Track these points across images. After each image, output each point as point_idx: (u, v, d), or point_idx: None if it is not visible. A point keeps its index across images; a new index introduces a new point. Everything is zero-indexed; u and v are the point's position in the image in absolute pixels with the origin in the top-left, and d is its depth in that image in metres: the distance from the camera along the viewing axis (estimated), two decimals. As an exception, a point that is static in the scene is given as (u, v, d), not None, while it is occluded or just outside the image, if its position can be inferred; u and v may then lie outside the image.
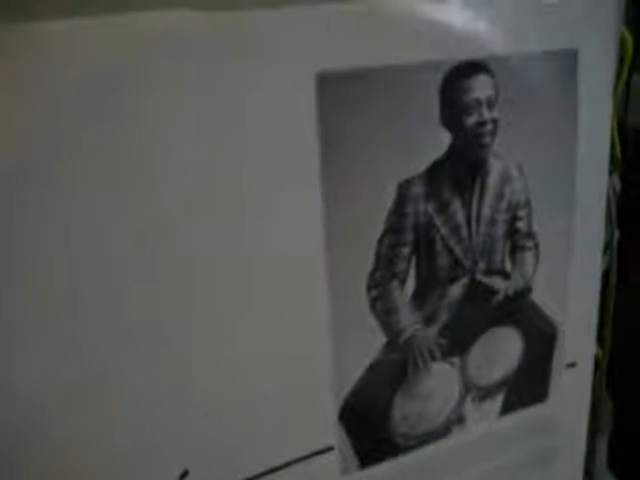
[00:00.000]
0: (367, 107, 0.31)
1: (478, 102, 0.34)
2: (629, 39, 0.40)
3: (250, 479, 0.35)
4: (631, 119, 0.51)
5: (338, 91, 0.30)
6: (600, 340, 0.45)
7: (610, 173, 0.42)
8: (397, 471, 0.39)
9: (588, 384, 0.45)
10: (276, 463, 0.35)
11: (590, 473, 0.50)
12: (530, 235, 0.38)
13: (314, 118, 0.30)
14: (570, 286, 0.41)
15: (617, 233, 0.45)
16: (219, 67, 0.28)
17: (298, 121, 0.30)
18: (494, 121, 0.34)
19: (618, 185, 0.46)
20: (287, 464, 0.35)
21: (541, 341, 0.41)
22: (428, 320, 0.36)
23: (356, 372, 0.36)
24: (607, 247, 0.46)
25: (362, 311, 0.34)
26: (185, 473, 0.33)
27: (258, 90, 0.29)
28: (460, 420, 0.40)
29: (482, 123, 0.34)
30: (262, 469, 0.35)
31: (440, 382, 0.38)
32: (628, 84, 0.47)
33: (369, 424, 0.37)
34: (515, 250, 0.38)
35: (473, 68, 0.33)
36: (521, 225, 0.38)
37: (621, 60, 0.42)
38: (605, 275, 0.45)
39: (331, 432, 0.36)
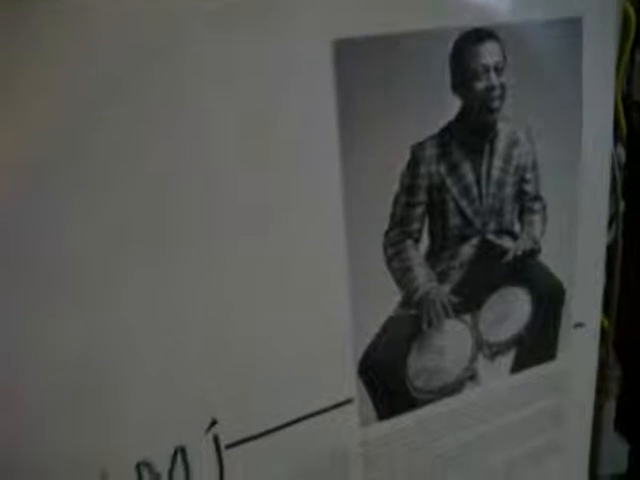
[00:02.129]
0: (382, 73, 0.33)
1: (487, 68, 0.35)
2: (632, 15, 0.41)
3: (274, 429, 0.36)
4: (635, 94, 0.52)
5: (354, 58, 0.32)
6: (606, 307, 0.47)
7: (615, 144, 0.44)
8: (413, 424, 0.41)
9: (595, 345, 0.46)
10: (298, 414, 0.37)
11: (598, 436, 0.51)
12: (537, 198, 0.40)
13: (332, 83, 0.32)
14: (576, 248, 0.42)
15: (622, 203, 0.47)
16: (244, 38, 0.30)
17: (317, 86, 0.32)
18: (502, 86, 0.36)
19: (623, 156, 0.48)
20: (309, 415, 0.37)
21: (549, 301, 0.43)
22: (441, 278, 0.38)
23: (374, 327, 0.37)
24: (613, 218, 0.47)
25: (379, 269, 0.36)
26: (214, 422, 0.34)
27: (280, 57, 0.31)
28: (473, 377, 0.42)
29: (491, 88, 0.36)
30: (285, 420, 0.37)
31: (453, 339, 0.40)
32: (632, 59, 0.48)
33: (386, 378, 0.39)
34: (523, 212, 0.40)
35: (482, 35, 0.35)
36: (529, 188, 0.39)
37: (624, 36, 0.43)
38: (611, 245, 0.47)
39: (351, 385, 0.38)
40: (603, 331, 0.47)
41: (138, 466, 0.33)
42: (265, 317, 0.34)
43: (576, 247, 0.42)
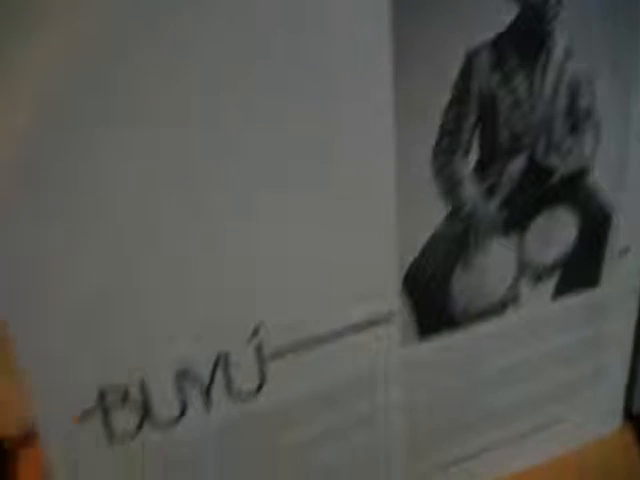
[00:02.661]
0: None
1: (545, -28, 0.34)
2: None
3: (315, 341, 0.36)
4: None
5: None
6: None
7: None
8: (454, 346, 0.40)
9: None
10: (341, 328, 0.36)
11: (636, 367, 0.51)
12: (590, 116, 0.39)
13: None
14: (627, 172, 0.41)
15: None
16: None
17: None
18: (560, -6, 0.35)
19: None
20: (351, 330, 0.37)
21: (596, 224, 0.42)
22: (488, 195, 0.37)
23: (419, 242, 0.37)
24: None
25: (427, 180, 0.35)
26: (257, 331, 0.34)
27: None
28: (515, 299, 0.41)
29: (548, -5, 0.35)
30: (327, 333, 0.36)
31: (498, 258, 0.39)
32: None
33: (430, 295, 0.38)
34: (574, 130, 0.39)
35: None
36: (582, 104, 0.38)
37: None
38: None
39: (394, 301, 0.37)
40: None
41: (178, 374, 0.33)
42: (310, 226, 0.33)
43: (627, 170, 0.41)
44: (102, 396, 0.32)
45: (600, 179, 0.41)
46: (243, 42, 0.29)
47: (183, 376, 0.33)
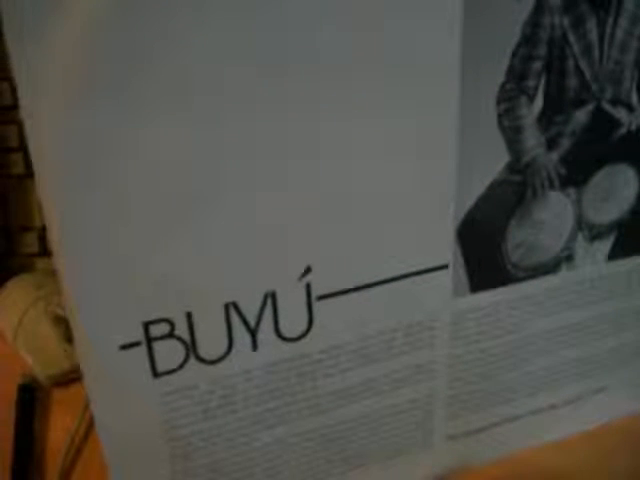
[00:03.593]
0: None
1: None
2: None
3: (366, 285, 0.35)
4: None
5: None
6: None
7: None
8: (505, 301, 0.39)
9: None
10: (393, 274, 0.35)
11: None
12: (659, 69, 0.37)
13: None
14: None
15: None
16: None
17: None
18: None
19: None
20: (403, 276, 0.36)
21: (657, 185, 0.40)
22: (551, 145, 0.36)
23: (477, 189, 0.36)
24: None
25: (489, 124, 0.34)
26: (308, 270, 0.33)
27: None
28: (569, 258, 0.40)
29: None
30: (378, 278, 0.35)
31: (555, 213, 0.38)
32: None
33: (484, 246, 0.37)
34: (643, 83, 0.37)
35: None
36: (652, 56, 0.37)
37: None
38: None
39: (448, 250, 0.36)
40: None
41: (226, 307, 0.32)
42: (368, 166, 0.32)
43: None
44: (147, 328, 0.31)
45: (665, 139, 0.39)
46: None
47: (230, 312, 0.33)
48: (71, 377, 0.51)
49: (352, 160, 0.32)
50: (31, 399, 0.50)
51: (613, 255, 0.41)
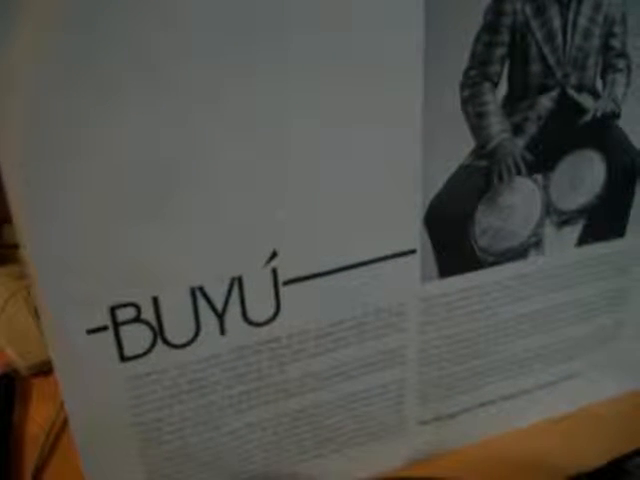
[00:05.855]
0: None
1: None
2: None
3: (333, 270, 0.35)
4: None
5: None
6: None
7: None
8: (473, 287, 0.40)
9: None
10: (360, 259, 0.36)
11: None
12: (623, 55, 0.38)
13: None
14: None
15: None
16: None
17: None
18: None
19: None
20: (371, 261, 0.36)
21: (624, 171, 0.41)
22: (516, 130, 0.37)
23: (443, 175, 0.36)
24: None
25: (453, 110, 0.35)
26: (274, 255, 0.33)
27: None
28: (538, 244, 0.40)
29: None
30: (345, 263, 0.35)
31: (522, 198, 0.38)
32: None
33: (452, 231, 0.37)
34: (607, 69, 0.38)
35: None
36: (615, 43, 0.37)
37: None
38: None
39: (415, 235, 0.36)
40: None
41: (193, 291, 0.32)
42: (332, 154, 0.33)
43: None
44: (113, 313, 0.32)
45: (631, 123, 0.39)
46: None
47: (197, 297, 0.33)
48: (51, 367, 0.50)
49: (318, 147, 0.32)
50: (10, 389, 0.50)
51: (582, 241, 0.41)
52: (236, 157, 0.31)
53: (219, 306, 0.33)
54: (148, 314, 0.32)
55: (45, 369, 0.51)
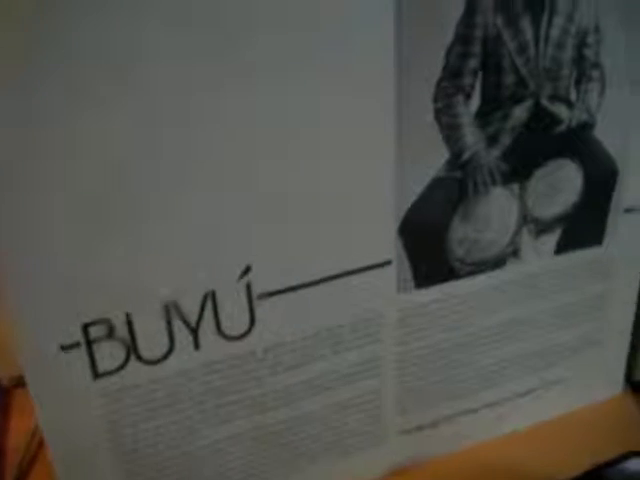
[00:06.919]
0: None
1: None
2: None
3: (309, 284, 0.35)
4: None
5: None
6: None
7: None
8: (450, 297, 0.40)
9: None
10: (335, 271, 0.36)
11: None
12: (597, 65, 0.38)
13: None
14: (634, 127, 0.40)
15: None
16: None
17: None
18: None
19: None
20: (346, 273, 0.36)
21: (600, 180, 0.41)
22: (490, 141, 0.37)
23: (418, 186, 0.36)
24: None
25: (427, 122, 0.34)
26: (247, 269, 0.33)
27: None
28: (515, 253, 0.40)
29: None
30: (321, 275, 0.35)
31: (498, 208, 0.38)
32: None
33: (427, 242, 0.37)
34: (581, 79, 0.38)
35: None
36: (589, 53, 0.37)
37: None
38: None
39: (390, 246, 0.37)
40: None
41: (166, 307, 0.32)
42: (305, 166, 0.33)
43: (633, 127, 0.40)
44: (86, 329, 0.32)
45: (606, 132, 0.39)
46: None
47: (171, 312, 0.33)
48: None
49: (288, 160, 0.32)
50: (-9, 401, 0.50)
51: (560, 249, 0.41)
52: (209, 170, 0.30)
53: (193, 321, 0.33)
54: (121, 331, 0.32)
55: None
